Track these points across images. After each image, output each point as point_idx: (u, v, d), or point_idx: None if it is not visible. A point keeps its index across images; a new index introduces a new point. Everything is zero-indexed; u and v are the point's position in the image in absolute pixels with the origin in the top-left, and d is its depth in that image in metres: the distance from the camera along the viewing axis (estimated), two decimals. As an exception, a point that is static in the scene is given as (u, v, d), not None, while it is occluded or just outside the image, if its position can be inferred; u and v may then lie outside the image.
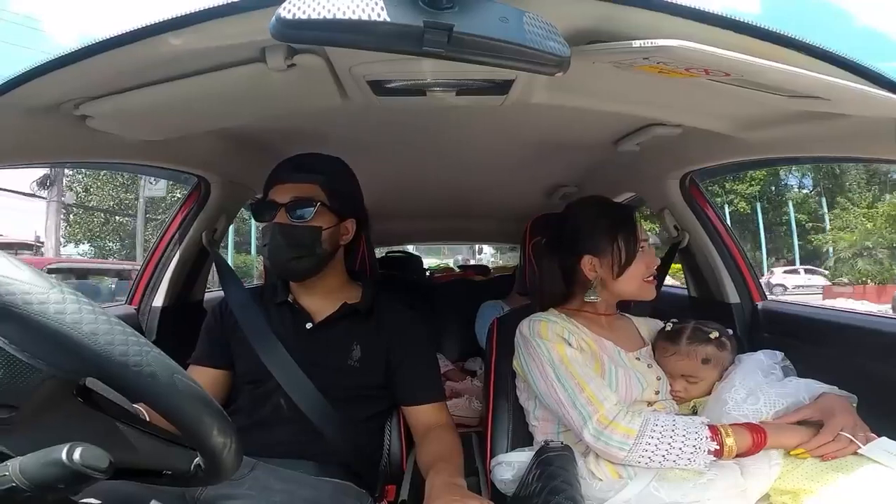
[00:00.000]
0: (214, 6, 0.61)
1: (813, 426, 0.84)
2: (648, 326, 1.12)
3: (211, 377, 1.02)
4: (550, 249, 1.07)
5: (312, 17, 0.47)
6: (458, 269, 5.32)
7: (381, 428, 1.09)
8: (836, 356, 1.12)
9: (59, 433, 0.41)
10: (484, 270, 4.33)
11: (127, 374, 0.41)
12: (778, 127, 0.92)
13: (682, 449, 0.81)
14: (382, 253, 3.24)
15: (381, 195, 1.80)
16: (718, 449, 0.80)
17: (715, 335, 1.02)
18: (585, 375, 0.90)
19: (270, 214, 0.98)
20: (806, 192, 21.27)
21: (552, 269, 1.05)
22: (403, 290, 2.17)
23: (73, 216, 14.55)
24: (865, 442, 0.80)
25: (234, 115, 1.04)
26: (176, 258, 1.46)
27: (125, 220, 15.36)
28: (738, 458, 0.82)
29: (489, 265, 5.94)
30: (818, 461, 0.81)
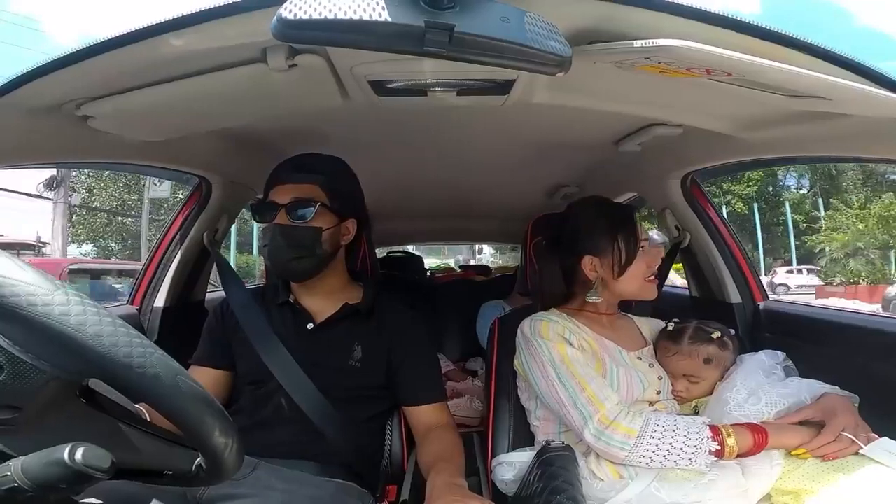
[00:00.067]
0: (215, 6, 0.61)
1: (814, 426, 0.84)
2: (650, 326, 1.12)
3: (212, 377, 1.02)
4: (551, 250, 1.07)
5: (313, 17, 0.47)
6: (459, 269, 5.31)
7: (382, 428, 1.09)
8: (837, 356, 1.12)
9: (62, 434, 0.41)
10: (485, 270, 4.31)
11: (130, 375, 0.41)
12: (779, 127, 0.92)
13: (683, 449, 0.81)
14: (383, 253, 3.24)
15: (381, 195, 1.80)
16: (719, 449, 0.80)
17: (717, 335, 1.02)
18: (586, 375, 0.90)
19: (271, 215, 0.98)
20: (803, 192, 21.28)
21: (553, 269, 1.05)
22: (404, 290, 2.17)
23: (75, 216, 14.58)
24: (867, 442, 0.80)
25: (235, 115, 1.04)
26: (177, 258, 1.46)
27: (128, 220, 15.39)
28: (739, 458, 0.82)
29: (489, 265, 5.93)
30: (819, 461, 0.81)
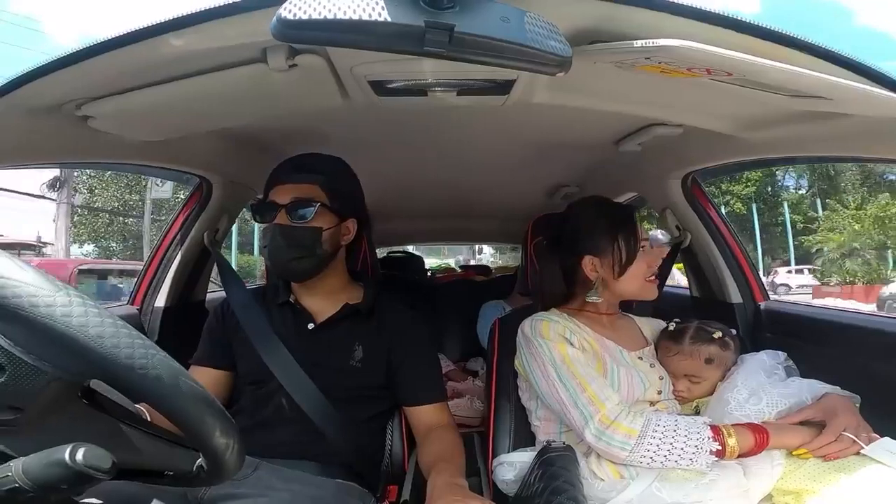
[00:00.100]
0: (216, 7, 0.61)
1: (815, 426, 0.84)
2: (651, 326, 1.12)
3: (212, 378, 1.02)
4: (551, 250, 1.07)
5: (313, 17, 0.47)
6: (459, 269, 5.31)
7: (382, 428, 1.09)
8: (838, 356, 1.12)
9: (63, 435, 0.41)
10: (485, 270, 4.31)
11: (132, 376, 0.41)
12: (780, 127, 0.92)
13: (683, 449, 0.81)
14: (384, 253, 3.23)
15: (382, 195, 1.80)
16: (720, 449, 0.80)
17: (718, 335, 1.02)
18: (587, 375, 0.90)
19: (271, 215, 0.98)
20: (801, 192, 21.27)
21: (553, 269, 1.05)
22: (405, 290, 2.17)
23: (76, 217, 14.60)
24: (868, 442, 0.80)
25: (235, 115, 1.04)
26: (178, 258, 1.46)
27: (129, 221, 15.40)
28: (740, 458, 0.82)
29: (490, 265, 5.93)
30: (821, 461, 0.81)
